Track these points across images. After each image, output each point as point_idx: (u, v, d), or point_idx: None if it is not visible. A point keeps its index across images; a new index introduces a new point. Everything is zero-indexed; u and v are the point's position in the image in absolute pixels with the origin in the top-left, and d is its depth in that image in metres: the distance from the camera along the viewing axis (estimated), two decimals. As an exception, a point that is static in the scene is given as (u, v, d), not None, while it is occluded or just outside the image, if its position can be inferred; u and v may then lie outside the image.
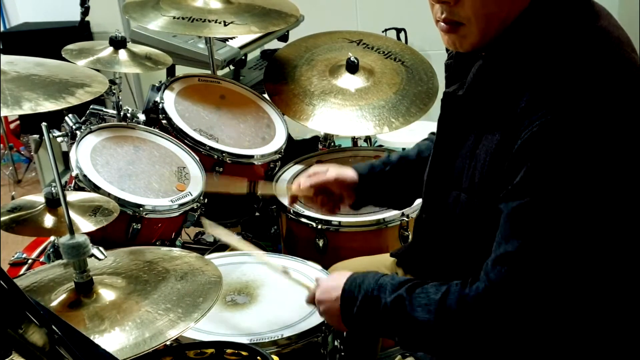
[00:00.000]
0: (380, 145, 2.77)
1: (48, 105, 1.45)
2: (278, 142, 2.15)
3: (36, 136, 2.43)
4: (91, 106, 2.10)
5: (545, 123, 0.95)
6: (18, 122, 4.02)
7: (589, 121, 0.95)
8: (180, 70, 2.58)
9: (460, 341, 1.06)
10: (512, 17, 1.04)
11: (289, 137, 2.23)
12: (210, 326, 1.36)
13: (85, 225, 1.48)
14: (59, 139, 2.07)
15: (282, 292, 1.52)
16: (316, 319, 1.41)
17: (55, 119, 2.03)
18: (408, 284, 1.12)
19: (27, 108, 1.42)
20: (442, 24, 1.07)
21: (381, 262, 1.58)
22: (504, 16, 1.03)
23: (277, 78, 2.29)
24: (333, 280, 1.24)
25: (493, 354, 1.07)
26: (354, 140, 2.46)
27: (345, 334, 1.53)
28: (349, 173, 1.47)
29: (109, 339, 1.05)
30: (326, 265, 1.63)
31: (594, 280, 1.01)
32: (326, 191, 1.48)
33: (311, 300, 1.29)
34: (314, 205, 1.51)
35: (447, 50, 1.22)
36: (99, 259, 1.25)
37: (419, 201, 1.66)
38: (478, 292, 1.03)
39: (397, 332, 1.12)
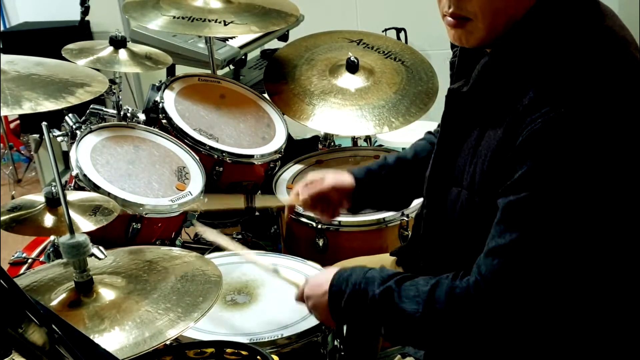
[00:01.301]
0: (380, 145, 2.77)
1: (48, 105, 1.45)
2: (278, 141, 2.15)
3: (36, 136, 2.43)
4: (91, 106, 2.10)
5: (548, 120, 0.95)
6: (18, 121, 4.02)
7: (593, 119, 0.95)
8: (180, 69, 2.58)
9: (448, 334, 1.06)
10: (519, 15, 1.04)
11: (289, 137, 2.23)
12: (210, 326, 1.36)
13: (85, 224, 1.48)
14: (59, 139, 2.07)
15: (282, 292, 1.52)
16: (315, 319, 1.41)
17: (55, 118, 2.03)
18: (398, 277, 1.12)
19: (27, 107, 1.42)
20: (449, 18, 1.07)
21: (381, 262, 1.58)
22: (511, 13, 1.03)
23: (277, 78, 2.29)
24: (321, 276, 1.24)
25: (481, 349, 1.06)
26: (354, 140, 2.46)
27: (345, 333, 1.53)
28: (346, 179, 1.46)
29: (109, 339, 1.05)
30: (326, 265, 1.63)
31: (592, 278, 1.01)
32: (324, 199, 1.48)
33: (300, 298, 1.28)
34: (314, 212, 1.52)
35: (452, 47, 1.22)
36: (99, 259, 1.25)
37: (417, 201, 1.67)
38: (468, 284, 1.02)
39: (384, 324, 1.12)
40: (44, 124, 1.20)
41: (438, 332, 1.06)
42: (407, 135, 2.78)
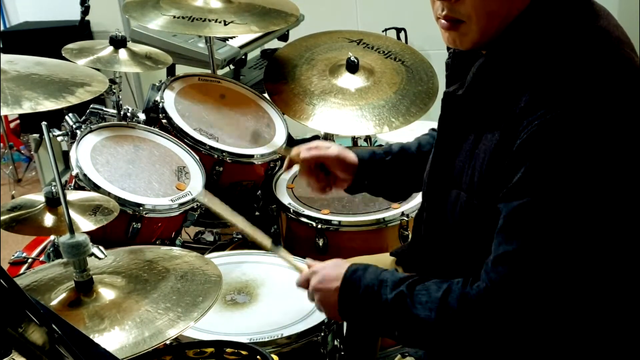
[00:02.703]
0: (380, 145, 2.77)
1: (48, 105, 1.45)
2: (278, 141, 2.15)
3: (36, 135, 2.43)
4: (91, 105, 2.10)
5: (545, 122, 0.95)
6: (18, 121, 4.02)
7: (589, 121, 0.95)
8: (181, 69, 2.58)
9: (460, 339, 1.07)
10: (513, 16, 1.04)
11: (289, 137, 2.23)
12: (210, 325, 1.36)
13: (85, 224, 1.48)
14: (59, 138, 2.07)
15: (282, 292, 1.52)
16: (316, 319, 1.41)
17: (55, 118, 2.03)
18: (409, 281, 1.12)
19: (27, 107, 1.42)
20: (443, 21, 1.07)
21: (381, 261, 1.58)
22: (504, 14, 1.03)
23: (277, 77, 2.29)
24: (332, 270, 1.23)
25: (493, 353, 1.07)
26: (354, 139, 2.46)
27: (345, 333, 1.53)
28: (350, 154, 1.44)
29: (109, 338, 1.05)
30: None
31: (594, 279, 1.01)
32: (324, 167, 1.45)
33: (303, 284, 1.27)
34: (309, 179, 1.46)
35: (447, 48, 1.21)
36: (99, 258, 1.25)
37: (417, 200, 1.66)
38: (479, 291, 1.03)
39: (396, 328, 1.12)
40: (44, 123, 1.20)
41: (451, 337, 1.07)
42: (407, 135, 2.78)
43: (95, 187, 1.72)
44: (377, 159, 1.45)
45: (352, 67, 2.26)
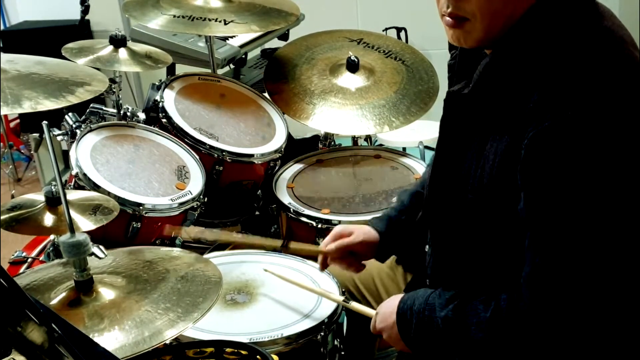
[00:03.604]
0: (381, 145, 2.77)
1: (48, 104, 1.45)
2: (278, 141, 2.15)
3: (36, 135, 2.43)
4: (91, 105, 2.10)
5: (555, 123, 0.95)
6: (18, 120, 4.02)
7: (599, 121, 0.95)
8: (181, 69, 2.58)
9: (516, 352, 1.07)
10: (517, 15, 1.03)
11: (289, 136, 2.23)
12: (209, 325, 1.36)
13: (85, 223, 1.48)
14: (59, 138, 2.07)
15: (282, 292, 1.52)
16: (316, 319, 1.41)
17: (55, 117, 2.03)
18: (455, 302, 1.12)
19: (27, 107, 1.42)
20: (448, 18, 1.07)
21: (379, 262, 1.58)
22: (509, 13, 1.03)
23: (277, 77, 2.29)
24: (387, 307, 1.25)
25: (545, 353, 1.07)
26: (354, 139, 2.46)
27: (345, 333, 1.53)
28: (372, 234, 1.46)
29: (109, 338, 1.04)
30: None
31: (617, 277, 1.01)
32: (351, 252, 1.47)
33: (374, 329, 1.29)
34: (340, 266, 1.51)
35: (449, 50, 1.21)
36: (99, 258, 1.25)
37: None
38: (526, 306, 1.03)
39: (453, 350, 1.13)
40: (44, 123, 1.20)
41: (507, 352, 1.08)
42: (407, 135, 2.79)
43: (95, 187, 1.72)
44: (394, 222, 1.46)
45: (353, 66, 2.26)
